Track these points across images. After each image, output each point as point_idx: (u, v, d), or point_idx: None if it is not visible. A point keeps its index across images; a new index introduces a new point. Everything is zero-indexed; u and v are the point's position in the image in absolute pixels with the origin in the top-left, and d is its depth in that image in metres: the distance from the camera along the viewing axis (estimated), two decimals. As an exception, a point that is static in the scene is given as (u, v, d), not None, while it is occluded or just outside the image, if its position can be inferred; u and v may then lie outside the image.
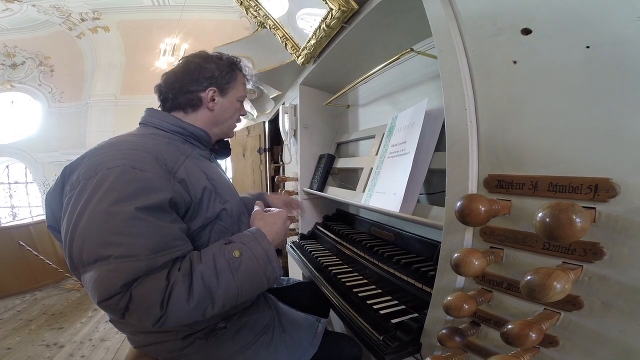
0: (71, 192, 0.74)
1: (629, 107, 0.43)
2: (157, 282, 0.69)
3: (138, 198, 0.71)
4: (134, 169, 0.73)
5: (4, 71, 6.50)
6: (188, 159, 0.87)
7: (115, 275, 0.66)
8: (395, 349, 0.78)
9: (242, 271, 0.77)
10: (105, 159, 0.75)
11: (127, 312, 0.67)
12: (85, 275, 0.68)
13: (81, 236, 0.68)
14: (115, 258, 0.66)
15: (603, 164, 0.45)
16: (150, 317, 0.68)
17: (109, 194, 0.70)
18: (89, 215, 0.69)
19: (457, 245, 0.65)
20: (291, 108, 1.88)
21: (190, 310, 0.71)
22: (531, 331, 0.43)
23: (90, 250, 0.67)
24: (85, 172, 0.74)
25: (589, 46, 0.47)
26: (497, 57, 0.60)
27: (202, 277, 0.72)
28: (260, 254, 0.81)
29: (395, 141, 1.12)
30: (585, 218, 0.37)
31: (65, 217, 0.73)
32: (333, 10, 1.10)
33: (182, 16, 5.56)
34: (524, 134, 0.55)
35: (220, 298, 0.74)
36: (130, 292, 0.66)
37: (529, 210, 0.53)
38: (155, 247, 0.71)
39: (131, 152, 0.77)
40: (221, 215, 0.89)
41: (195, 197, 0.83)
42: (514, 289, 0.57)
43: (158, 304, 0.67)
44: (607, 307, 0.45)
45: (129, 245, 0.68)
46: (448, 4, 0.69)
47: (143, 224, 0.70)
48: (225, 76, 1.00)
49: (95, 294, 0.66)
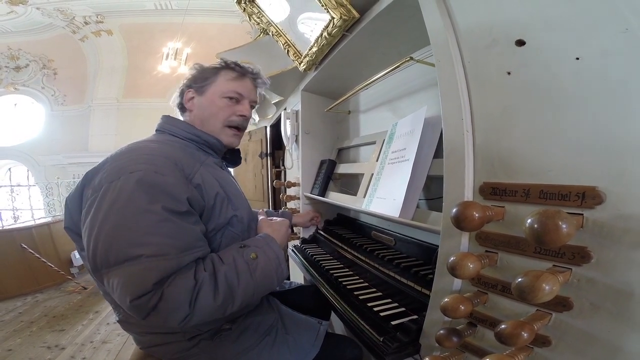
0: (93, 195, 0.76)
1: (614, 118, 0.45)
2: (186, 281, 0.72)
3: (163, 200, 0.74)
4: (156, 173, 0.77)
5: (8, 74, 6.56)
6: (202, 166, 0.90)
7: (148, 274, 0.69)
8: (395, 349, 0.80)
9: (259, 272, 0.83)
10: (128, 164, 0.78)
11: (153, 311, 0.69)
12: (112, 276, 0.70)
13: (108, 238, 0.71)
14: (147, 257, 0.69)
15: (590, 173, 0.48)
16: (177, 316, 0.71)
17: (135, 197, 0.73)
18: (116, 218, 0.72)
19: (454, 249, 0.68)
20: (293, 114, 1.91)
21: (216, 309, 0.75)
22: (523, 331, 0.45)
23: (119, 251, 0.70)
24: (107, 176, 0.77)
25: (579, 57, 0.49)
26: (492, 68, 0.62)
27: (226, 277, 0.77)
28: (273, 256, 0.88)
29: (395, 148, 1.15)
30: (570, 224, 0.39)
31: (88, 219, 0.75)
32: (335, 18, 1.13)
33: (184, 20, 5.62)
34: (517, 143, 0.58)
35: (239, 297, 0.79)
36: (162, 291, 0.69)
37: (522, 216, 0.56)
38: (182, 246, 0.75)
39: (152, 157, 0.81)
40: (232, 221, 0.92)
41: (209, 202, 0.86)
42: (508, 291, 0.59)
43: (187, 303, 0.71)
44: (596, 308, 0.48)
45: (159, 245, 0.71)
46: (446, 15, 0.71)
47: (170, 225, 0.74)
48: (203, 77, 1.03)
49: (127, 293, 0.68)
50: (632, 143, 0.44)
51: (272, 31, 1.55)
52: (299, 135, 1.88)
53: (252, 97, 1.07)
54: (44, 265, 3.85)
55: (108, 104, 6.84)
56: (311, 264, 1.49)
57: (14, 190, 7.00)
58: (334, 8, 1.09)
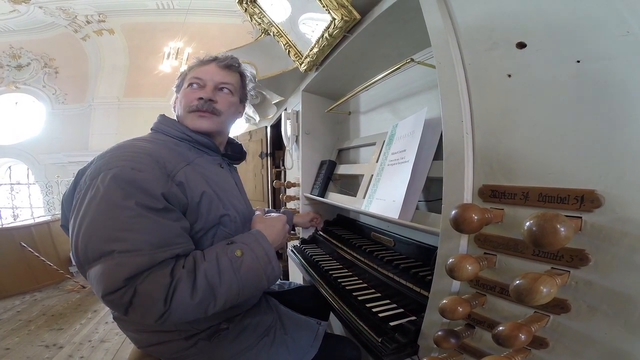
0: (79, 193, 0.78)
1: (613, 122, 0.46)
2: (161, 278, 0.71)
3: (137, 196, 0.74)
4: (132, 170, 0.76)
5: (9, 72, 6.56)
6: (190, 165, 0.89)
7: (119, 269, 0.68)
8: (393, 350, 0.80)
9: (244, 270, 0.80)
10: (109, 161, 0.79)
11: (130, 308, 0.69)
12: (91, 272, 0.71)
13: (86, 234, 0.72)
14: (119, 253, 0.69)
15: (589, 176, 0.48)
16: (153, 313, 0.70)
17: (110, 193, 0.73)
18: (92, 214, 0.72)
19: (453, 251, 0.68)
20: (293, 114, 1.91)
21: (193, 307, 0.73)
22: (520, 332, 0.45)
23: (95, 247, 0.70)
24: (91, 174, 0.78)
25: (579, 60, 0.49)
26: (492, 70, 0.62)
27: (206, 275, 0.75)
28: (261, 254, 0.85)
29: (395, 149, 1.15)
30: (568, 227, 0.39)
31: (72, 217, 0.77)
32: (336, 20, 1.14)
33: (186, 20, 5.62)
34: (516, 146, 0.58)
35: (222, 296, 0.77)
36: (135, 287, 0.68)
37: (521, 219, 0.56)
38: (157, 242, 0.73)
39: (133, 155, 0.81)
40: (223, 221, 0.91)
41: (193, 200, 0.85)
42: (506, 293, 0.59)
43: (162, 300, 0.70)
44: (593, 311, 0.48)
45: (131, 241, 0.71)
46: (447, 17, 0.72)
47: (145, 221, 0.73)
48: (182, 77, 1.07)
49: (100, 288, 0.69)
50: (632, 146, 0.44)
51: (273, 31, 1.55)
52: (299, 136, 1.88)
53: (216, 79, 1.02)
54: (43, 264, 3.85)
55: (109, 103, 6.83)
56: (310, 265, 1.49)
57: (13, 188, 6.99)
58: (335, 9, 1.10)
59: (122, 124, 6.75)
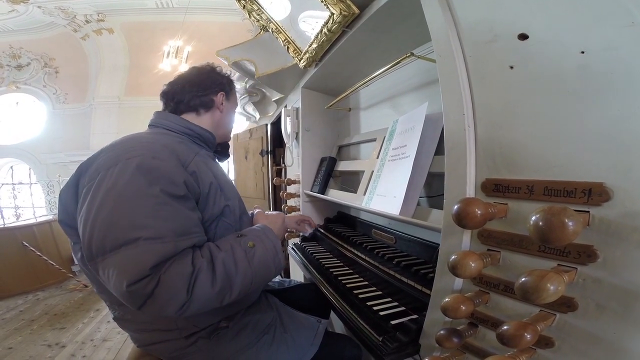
0: (90, 183, 0.76)
1: (621, 113, 0.44)
2: (183, 267, 0.71)
3: (161, 184, 0.75)
4: (153, 159, 0.78)
5: (10, 72, 6.57)
6: (197, 156, 0.91)
7: (145, 257, 0.68)
8: (394, 349, 0.78)
9: (256, 260, 0.84)
10: (124, 151, 0.79)
11: (149, 299, 0.68)
12: (107, 264, 0.69)
13: (105, 223, 0.70)
14: (145, 240, 0.69)
15: (597, 169, 0.46)
16: (175, 304, 0.70)
17: (134, 181, 0.73)
18: (113, 202, 0.71)
19: (455, 248, 0.66)
20: (293, 111, 1.89)
21: (214, 296, 0.75)
22: (526, 332, 0.44)
23: (116, 235, 0.69)
24: (104, 164, 0.77)
25: (584, 51, 0.47)
26: (494, 62, 0.61)
27: (224, 264, 0.77)
28: (270, 246, 0.89)
29: (396, 145, 1.14)
30: (577, 222, 0.38)
31: (83, 207, 0.75)
32: (334, 14, 1.12)
33: (185, 18, 5.61)
34: (519, 138, 0.56)
35: (237, 285, 0.79)
36: (159, 277, 0.68)
37: (525, 214, 0.54)
38: (179, 230, 0.75)
39: (149, 145, 0.83)
40: (225, 211, 0.93)
41: (204, 190, 0.87)
42: (510, 290, 0.58)
43: (185, 289, 0.70)
44: (601, 309, 0.46)
45: (157, 228, 0.71)
46: (447, 9, 0.70)
47: (168, 209, 0.74)
48: (229, 86, 1.14)
49: (124, 278, 0.67)
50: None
51: (272, 28, 1.53)
52: (299, 133, 1.87)
53: None
54: (46, 263, 3.86)
55: (109, 103, 6.83)
56: (311, 262, 1.48)
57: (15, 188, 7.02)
58: (333, 4, 1.08)
59: (123, 123, 6.74)
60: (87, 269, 0.82)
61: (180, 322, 0.90)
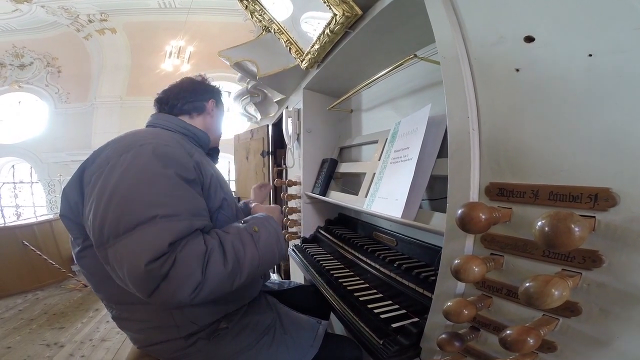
0: (100, 170, 0.77)
1: (629, 117, 0.43)
2: (197, 246, 0.73)
3: (175, 167, 0.79)
4: (166, 146, 0.82)
5: (12, 71, 6.59)
6: (196, 152, 0.94)
7: (163, 234, 0.70)
8: (395, 353, 0.78)
9: (262, 244, 0.86)
10: (135, 140, 0.82)
11: (164, 281, 0.68)
12: (120, 247, 0.69)
13: (121, 204, 0.72)
14: (162, 217, 0.71)
15: (603, 174, 0.46)
16: (190, 284, 0.70)
17: (150, 163, 0.76)
18: (129, 184, 0.73)
19: (458, 252, 0.66)
20: (295, 112, 1.89)
21: (226, 277, 0.76)
22: (529, 337, 0.43)
23: (133, 214, 0.70)
24: (115, 152, 0.80)
25: (591, 54, 0.47)
26: (500, 65, 0.60)
27: (233, 246, 0.80)
28: (273, 231, 0.92)
29: (398, 147, 1.13)
30: (583, 227, 0.37)
31: (93, 194, 0.76)
32: (337, 15, 1.12)
33: (187, 18, 5.62)
34: (525, 142, 0.56)
35: (246, 267, 0.81)
36: (175, 255, 0.69)
37: (530, 218, 0.54)
38: (192, 210, 0.78)
39: (158, 135, 0.89)
40: (223, 204, 0.96)
41: (206, 181, 0.90)
42: (513, 295, 0.57)
43: (199, 269, 0.71)
44: (605, 314, 0.46)
45: (172, 206, 0.74)
46: (452, 11, 0.69)
47: (183, 190, 0.78)
48: (218, 95, 1.22)
49: (142, 256, 0.67)
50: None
51: (274, 28, 1.53)
52: (300, 134, 1.87)
53: None
54: (45, 262, 3.85)
55: (111, 102, 6.84)
56: (311, 264, 1.48)
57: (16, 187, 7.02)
58: (336, 5, 1.07)
59: (125, 122, 6.75)
60: (87, 260, 0.85)
61: (179, 319, 0.89)
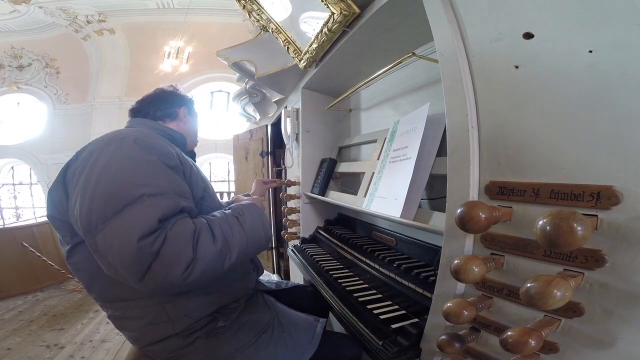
0: (83, 164, 0.80)
1: (631, 113, 0.43)
2: (187, 224, 0.77)
3: (157, 154, 0.83)
4: (146, 137, 0.86)
5: (11, 73, 6.58)
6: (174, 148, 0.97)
7: (151, 210, 0.73)
8: (395, 354, 0.77)
9: (248, 226, 0.90)
10: (116, 135, 0.85)
11: (155, 261, 0.70)
12: (108, 230, 0.71)
13: (106, 189, 0.74)
14: (148, 196, 0.74)
15: (605, 171, 0.45)
16: (181, 262, 0.72)
17: (133, 151, 0.80)
18: (114, 171, 0.76)
19: (458, 252, 0.65)
20: (293, 112, 1.88)
21: (216, 255, 0.79)
22: (530, 338, 0.43)
23: (120, 197, 0.73)
24: (97, 147, 0.82)
25: (592, 50, 0.46)
26: (499, 61, 0.60)
27: (220, 227, 0.83)
28: (257, 215, 0.96)
29: (397, 146, 1.12)
30: (586, 226, 0.36)
31: (78, 186, 0.78)
32: (335, 14, 1.11)
33: (186, 19, 5.61)
34: (525, 140, 0.55)
35: (235, 247, 0.84)
36: (165, 233, 0.72)
37: (531, 217, 0.53)
38: (178, 191, 0.82)
39: (139, 130, 0.94)
40: (205, 195, 0.99)
41: (187, 170, 0.93)
42: (514, 295, 0.56)
43: (190, 246, 0.74)
44: (608, 314, 0.45)
45: (159, 185, 0.77)
46: (450, 8, 0.69)
47: (166, 173, 0.82)
48: (190, 104, 1.26)
49: (133, 233, 0.69)
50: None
51: (272, 28, 1.52)
52: (299, 134, 1.86)
53: None
54: (45, 263, 3.84)
55: (110, 103, 6.82)
56: (310, 264, 1.47)
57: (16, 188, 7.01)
58: (334, 3, 1.07)
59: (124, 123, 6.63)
60: (77, 257, 0.88)
61: (171, 312, 0.90)
